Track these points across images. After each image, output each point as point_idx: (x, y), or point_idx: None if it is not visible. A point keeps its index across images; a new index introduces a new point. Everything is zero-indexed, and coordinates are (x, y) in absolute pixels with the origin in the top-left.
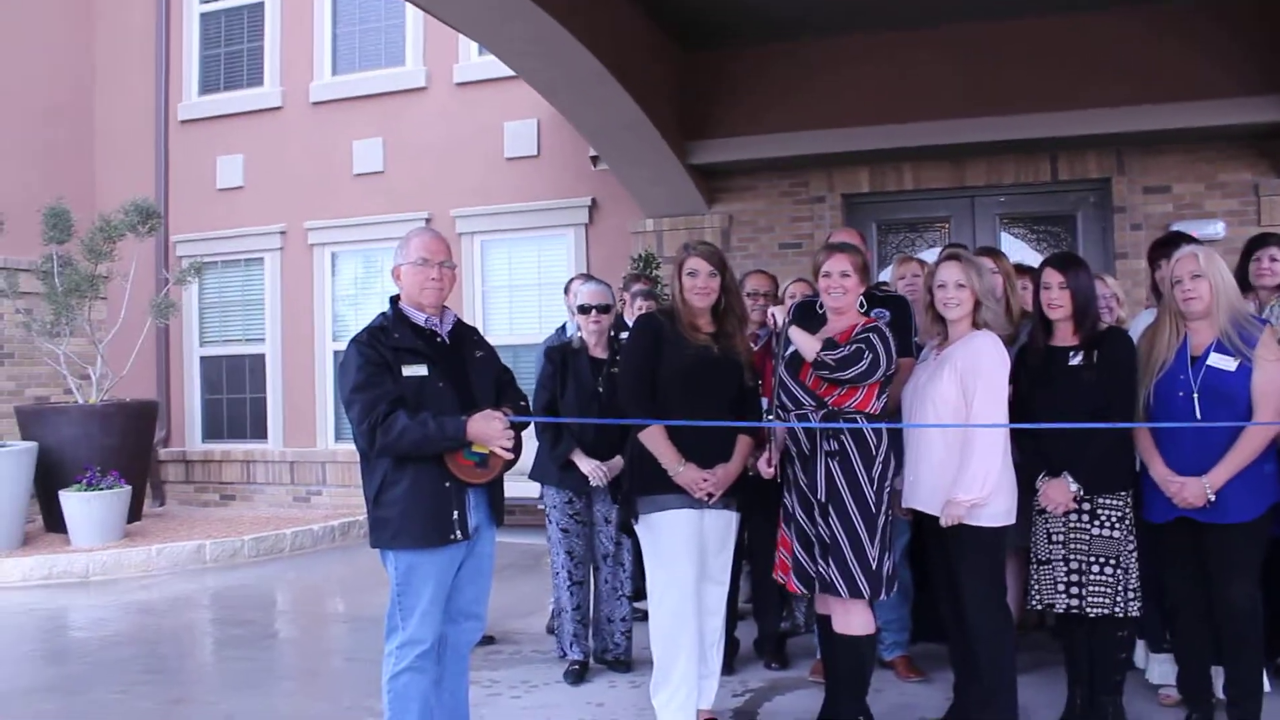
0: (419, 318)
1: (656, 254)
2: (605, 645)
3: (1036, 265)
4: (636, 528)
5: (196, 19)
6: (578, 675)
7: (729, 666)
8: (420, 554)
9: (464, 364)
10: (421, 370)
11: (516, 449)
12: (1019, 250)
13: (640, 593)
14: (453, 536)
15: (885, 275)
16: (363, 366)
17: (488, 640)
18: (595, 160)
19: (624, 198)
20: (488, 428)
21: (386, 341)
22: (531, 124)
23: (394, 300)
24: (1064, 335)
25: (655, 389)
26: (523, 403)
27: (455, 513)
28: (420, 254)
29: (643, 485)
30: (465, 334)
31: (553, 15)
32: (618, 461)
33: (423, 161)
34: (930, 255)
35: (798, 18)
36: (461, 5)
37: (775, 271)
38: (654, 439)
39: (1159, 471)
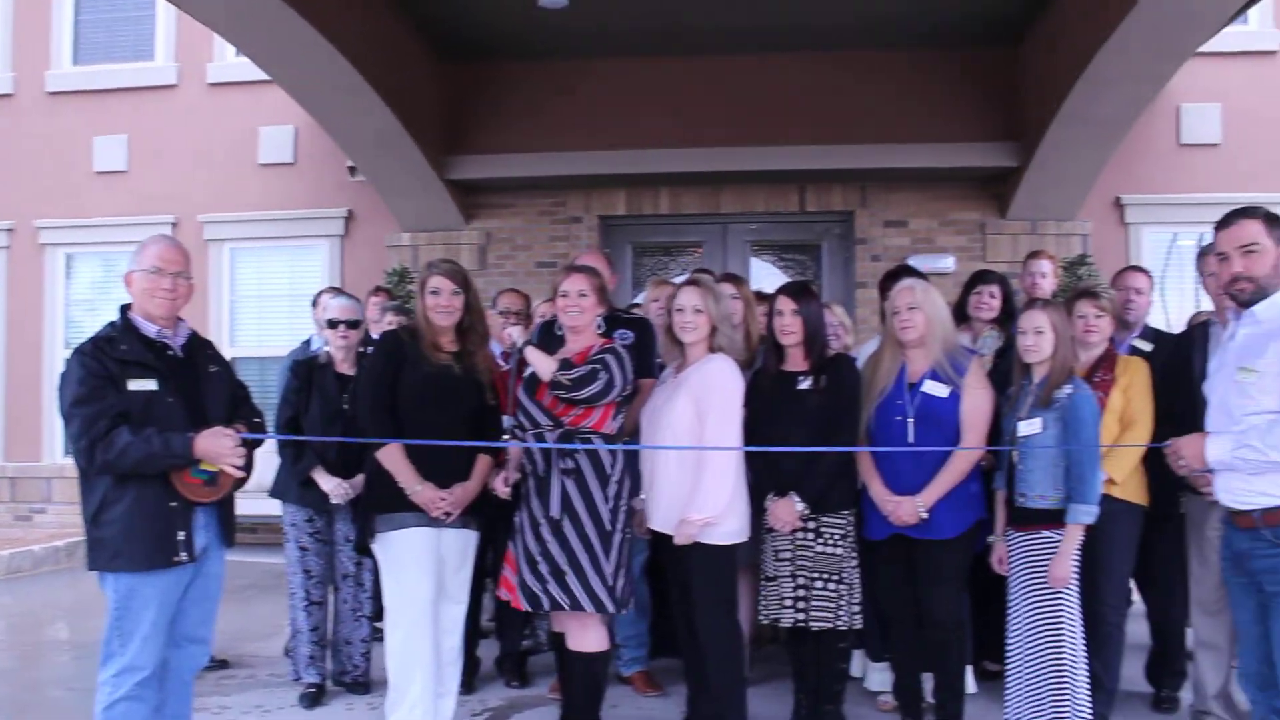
0: (150, 329)
1: (412, 269)
2: (343, 667)
3: None
4: (373, 546)
5: None
6: (313, 699)
7: (469, 685)
8: (141, 577)
9: (197, 379)
10: (150, 385)
11: (248, 467)
12: (770, 276)
13: (382, 613)
14: (178, 558)
15: (642, 298)
16: (84, 379)
17: (220, 664)
18: (353, 171)
19: (381, 210)
20: (217, 445)
21: (112, 353)
22: (288, 130)
23: (124, 309)
24: (795, 361)
25: (395, 407)
26: (257, 419)
27: (181, 533)
28: (154, 262)
29: (380, 503)
30: (199, 347)
31: (306, 18)
32: (360, 479)
33: (171, 162)
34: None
35: (560, 38)
36: (209, 1)
37: (532, 290)
38: (391, 457)
39: (877, 491)
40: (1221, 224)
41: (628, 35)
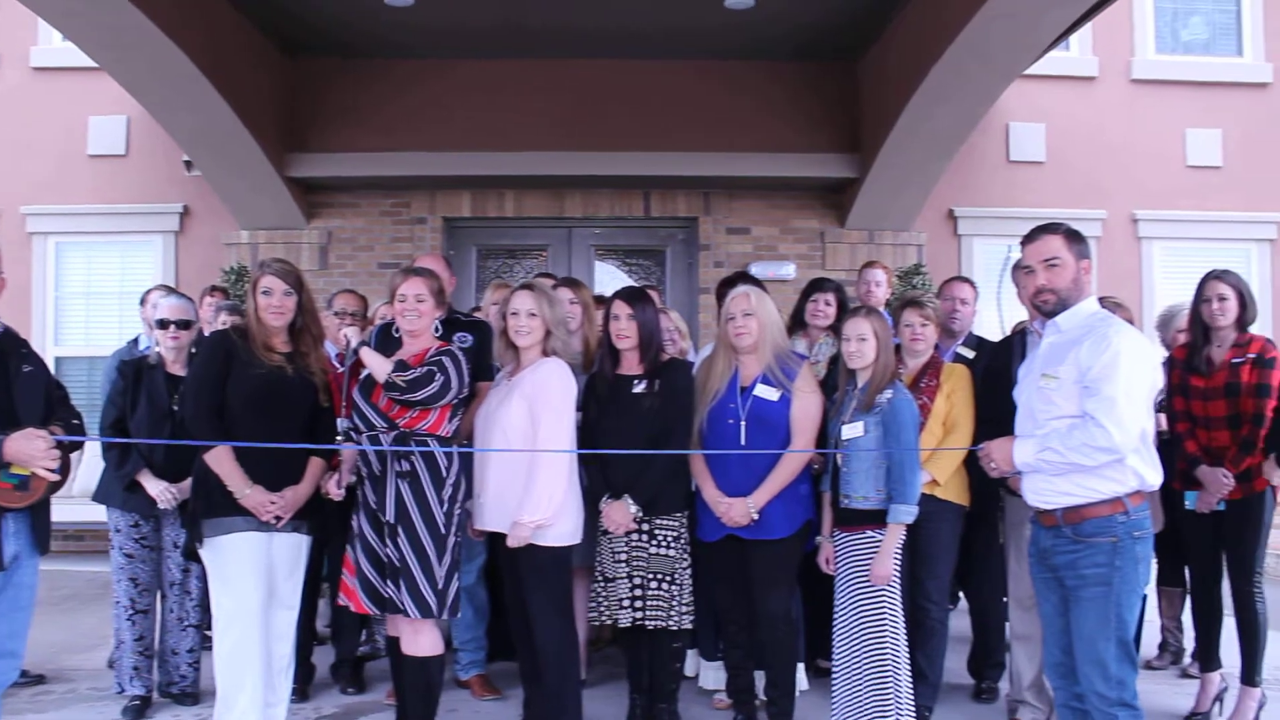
0: None
1: (251, 268)
2: (170, 678)
3: None
4: (201, 551)
5: None
6: (138, 712)
7: (303, 693)
8: None
9: (8, 378)
10: None
11: (63, 470)
12: (614, 281)
13: (211, 621)
14: None
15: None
16: None
17: (35, 680)
18: (189, 165)
19: (219, 206)
20: (28, 447)
21: None
22: (120, 120)
23: None
24: (630, 364)
25: (224, 408)
26: (75, 421)
27: None
28: None
29: (208, 508)
30: (11, 346)
31: (137, 6)
32: (189, 483)
33: None
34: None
35: (408, 37)
36: None
37: (374, 292)
38: (220, 460)
39: (710, 493)
40: (1027, 239)
41: (475, 35)
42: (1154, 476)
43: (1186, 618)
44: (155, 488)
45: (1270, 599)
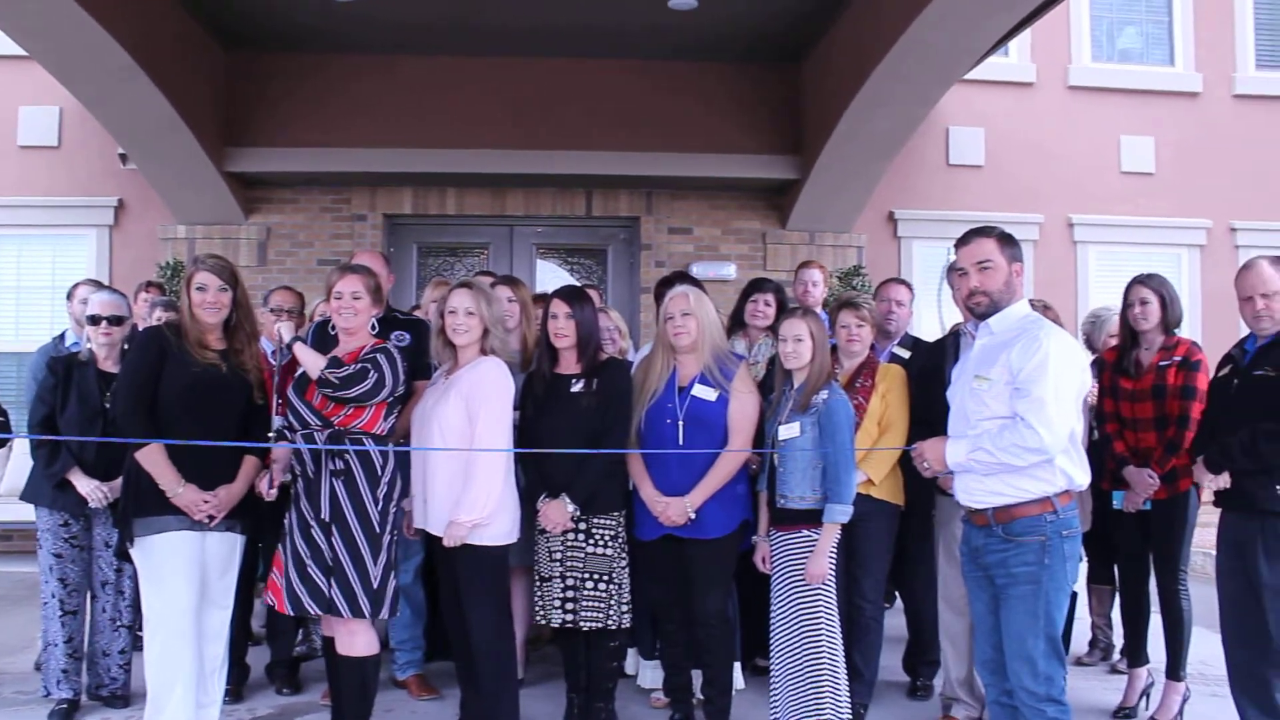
0: None
1: (188, 263)
2: (100, 680)
3: None
4: (132, 551)
5: None
6: (65, 715)
7: (237, 694)
8: None
9: None
10: None
11: None
12: (556, 279)
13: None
14: None
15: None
16: None
17: None
18: (124, 158)
19: (155, 200)
20: None
21: None
22: (53, 111)
23: None
24: (568, 364)
25: (156, 406)
26: (2, 418)
27: None
28: None
29: (139, 507)
30: None
31: None
32: (120, 482)
33: None
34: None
35: (350, 32)
36: None
37: (313, 289)
38: (152, 458)
39: (647, 492)
40: (961, 242)
41: (419, 31)
42: (1082, 477)
43: (1116, 615)
44: (86, 486)
45: (1195, 596)
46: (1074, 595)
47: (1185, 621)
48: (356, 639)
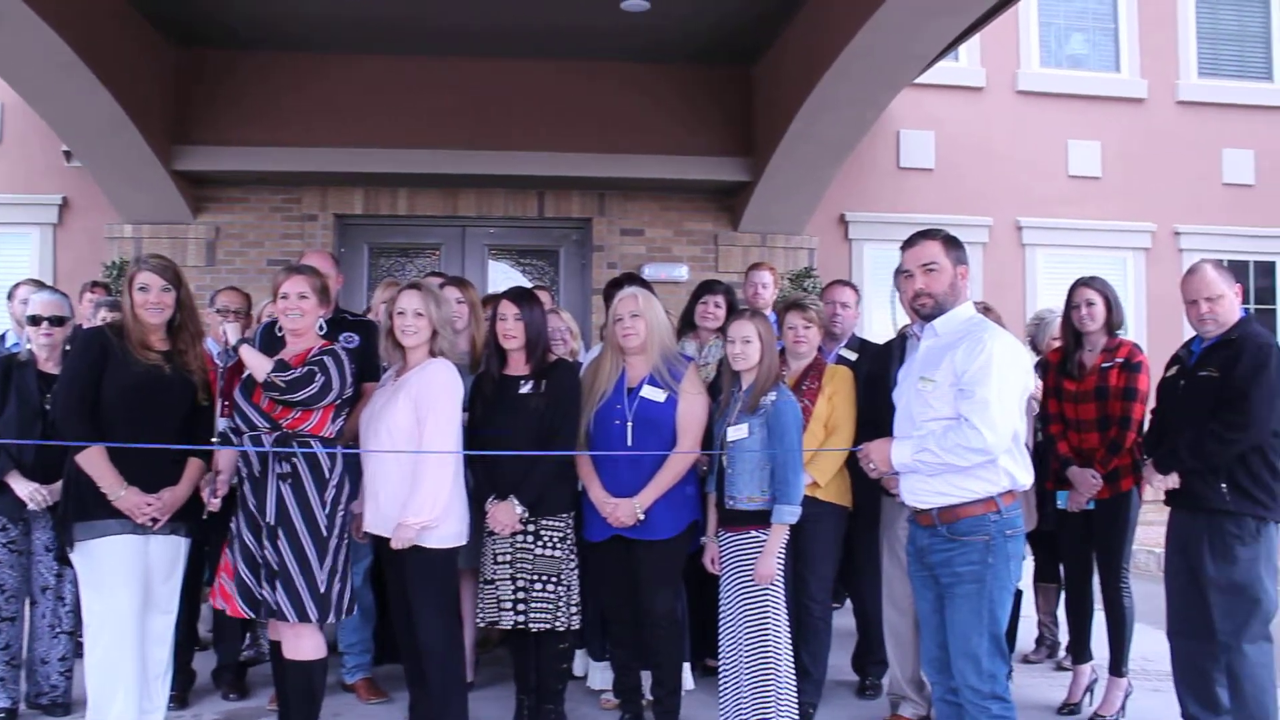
0: None
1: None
2: (40, 688)
3: None
4: (72, 555)
5: None
6: None
7: (183, 699)
8: None
9: None
10: None
11: None
12: (508, 280)
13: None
14: None
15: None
16: None
17: None
18: (69, 155)
19: (101, 199)
20: None
21: None
22: None
23: None
24: (517, 365)
25: (98, 407)
26: None
27: None
28: None
29: (80, 510)
30: None
31: None
32: (61, 485)
33: None
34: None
35: (300, 30)
36: None
37: (263, 289)
38: (93, 461)
39: (596, 494)
40: (906, 244)
41: (370, 31)
42: (1025, 476)
43: (1062, 613)
44: (25, 489)
45: (1138, 593)
46: (1019, 594)
47: (1127, 618)
48: (303, 643)
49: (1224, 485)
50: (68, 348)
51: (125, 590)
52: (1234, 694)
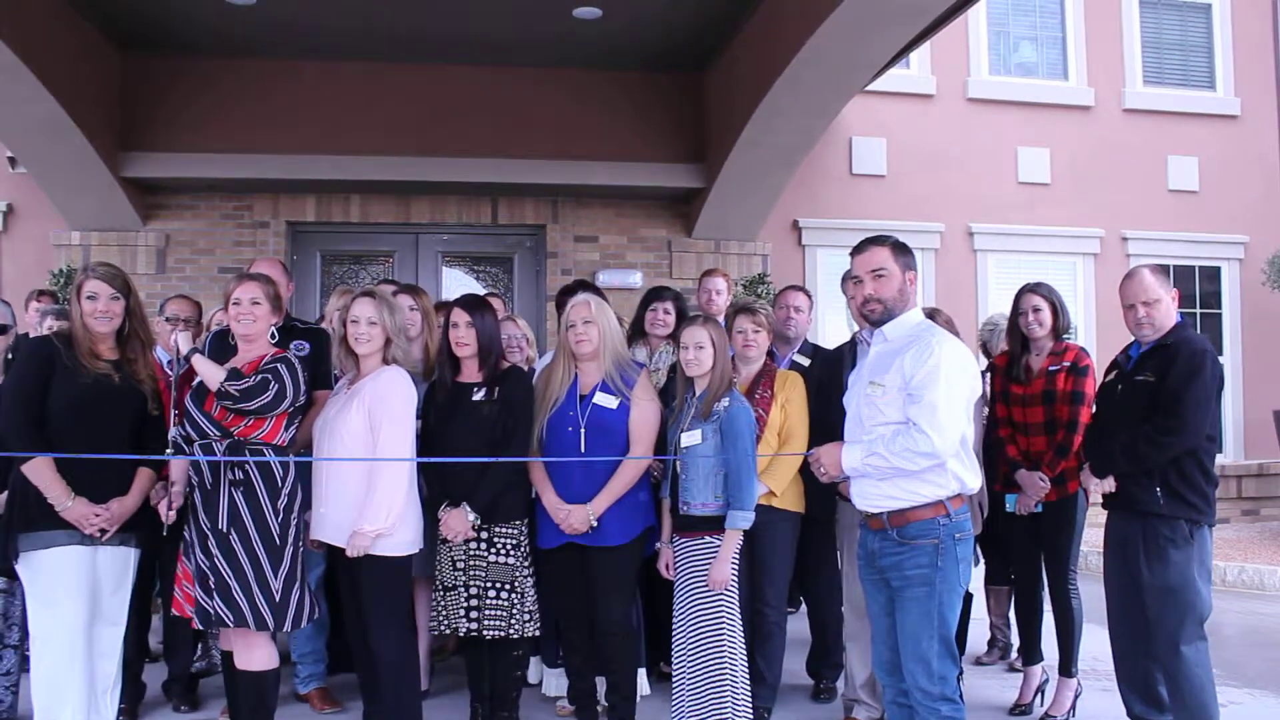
0: None
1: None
2: None
3: None
4: (17, 567)
5: None
6: None
7: (133, 712)
8: None
9: None
10: None
11: None
12: (462, 287)
13: None
14: None
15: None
16: None
17: None
18: (13, 161)
19: (47, 205)
20: None
21: None
22: None
23: None
24: (469, 372)
25: (45, 417)
26: None
27: None
28: None
29: (25, 521)
30: None
31: None
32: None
33: None
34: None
35: (250, 36)
36: None
37: (214, 297)
38: (39, 471)
39: (549, 500)
40: (856, 250)
41: (322, 37)
42: (973, 480)
43: (1014, 614)
44: None
45: (1085, 594)
46: (969, 596)
47: (1076, 619)
48: (255, 653)
49: (1158, 489)
50: (10, 356)
51: (72, 602)
52: (1173, 695)
